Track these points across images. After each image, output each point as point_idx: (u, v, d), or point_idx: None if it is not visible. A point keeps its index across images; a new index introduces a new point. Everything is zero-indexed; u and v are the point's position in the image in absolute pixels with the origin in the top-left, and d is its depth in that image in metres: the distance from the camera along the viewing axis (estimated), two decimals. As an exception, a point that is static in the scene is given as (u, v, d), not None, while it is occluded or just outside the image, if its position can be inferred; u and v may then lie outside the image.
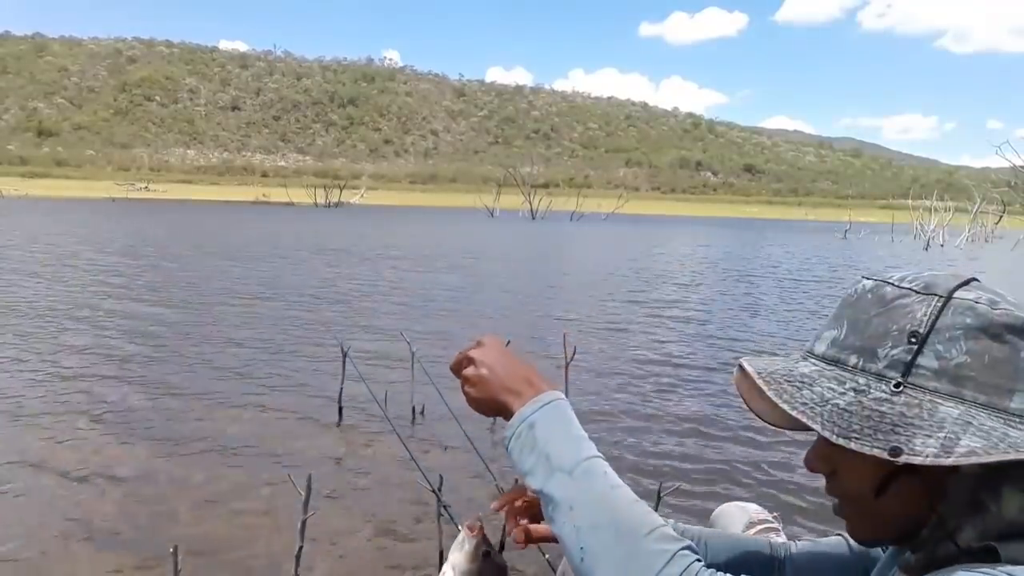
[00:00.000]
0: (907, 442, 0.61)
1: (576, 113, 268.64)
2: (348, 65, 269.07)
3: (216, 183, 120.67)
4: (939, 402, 0.63)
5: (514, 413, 0.85)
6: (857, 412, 0.65)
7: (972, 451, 0.60)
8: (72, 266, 11.50)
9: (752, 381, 0.72)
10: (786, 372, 0.72)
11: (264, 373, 5.26)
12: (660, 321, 8.24)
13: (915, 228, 35.30)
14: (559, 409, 0.85)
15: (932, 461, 0.60)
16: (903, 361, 0.65)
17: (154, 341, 6.24)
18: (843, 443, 0.63)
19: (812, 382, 0.69)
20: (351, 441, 3.97)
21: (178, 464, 3.52)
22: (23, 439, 3.78)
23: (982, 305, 0.64)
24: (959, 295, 0.66)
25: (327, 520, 2.90)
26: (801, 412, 0.67)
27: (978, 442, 0.60)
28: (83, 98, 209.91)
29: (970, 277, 0.69)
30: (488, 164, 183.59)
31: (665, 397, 5.01)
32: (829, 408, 0.66)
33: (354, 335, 6.60)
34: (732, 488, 3.46)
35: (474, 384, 0.89)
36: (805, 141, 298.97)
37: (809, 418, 0.66)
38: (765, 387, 0.71)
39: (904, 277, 0.70)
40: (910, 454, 0.61)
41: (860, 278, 0.73)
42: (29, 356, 5.51)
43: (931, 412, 0.63)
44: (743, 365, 0.75)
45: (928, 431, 0.62)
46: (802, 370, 0.71)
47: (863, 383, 0.67)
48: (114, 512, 2.99)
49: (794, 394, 0.69)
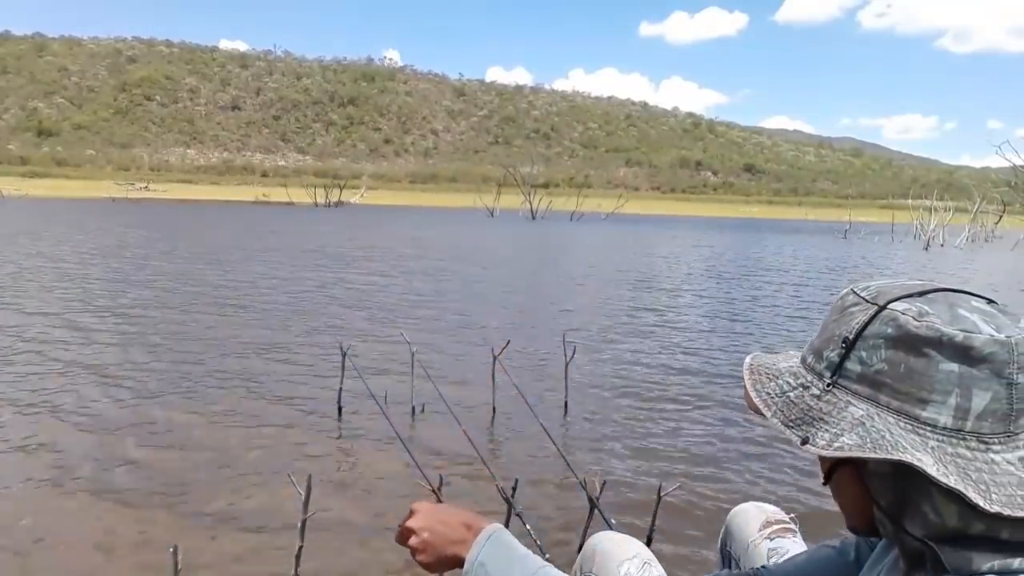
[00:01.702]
0: (814, 434, 0.68)
1: (576, 113, 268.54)
2: (348, 65, 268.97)
3: (216, 183, 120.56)
4: (852, 403, 0.69)
5: (464, 560, 0.93)
6: (798, 404, 0.72)
7: (842, 446, 0.66)
8: (62, 269, 11.50)
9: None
10: (769, 366, 0.78)
11: (263, 373, 5.26)
12: (661, 321, 8.24)
13: (915, 228, 35.27)
14: (500, 540, 0.93)
15: (816, 451, 0.67)
16: (834, 363, 0.71)
17: (151, 341, 6.24)
18: (782, 429, 0.71)
19: (779, 375, 0.76)
20: (351, 441, 3.97)
21: (176, 464, 3.52)
22: (10, 437, 3.78)
23: (905, 317, 0.67)
24: (893, 305, 0.68)
25: (327, 520, 2.90)
26: (761, 400, 0.74)
27: (853, 440, 0.66)
28: (83, 98, 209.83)
29: (933, 287, 0.70)
30: (488, 164, 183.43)
31: (666, 397, 5.00)
32: (783, 400, 0.73)
33: (354, 335, 6.60)
34: (733, 489, 3.45)
35: (422, 551, 0.97)
36: (805, 141, 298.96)
37: (766, 406, 0.73)
38: (747, 377, 0.77)
39: (869, 286, 0.73)
40: (812, 444, 0.68)
41: (849, 286, 0.77)
42: (16, 365, 5.51)
43: (840, 411, 0.69)
44: (747, 359, 0.81)
45: (829, 426, 0.68)
46: (780, 365, 0.78)
47: (809, 380, 0.73)
48: (112, 512, 2.99)
49: (765, 384, 0.76)
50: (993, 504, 0.61)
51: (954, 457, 0.63)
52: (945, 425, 0.64)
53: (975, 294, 0.70)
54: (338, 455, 3.76)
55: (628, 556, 1.21)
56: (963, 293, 0.70)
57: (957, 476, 0.62)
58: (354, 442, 3.94)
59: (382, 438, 3.89)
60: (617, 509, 3.07)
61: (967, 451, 0.64)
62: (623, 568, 1.19)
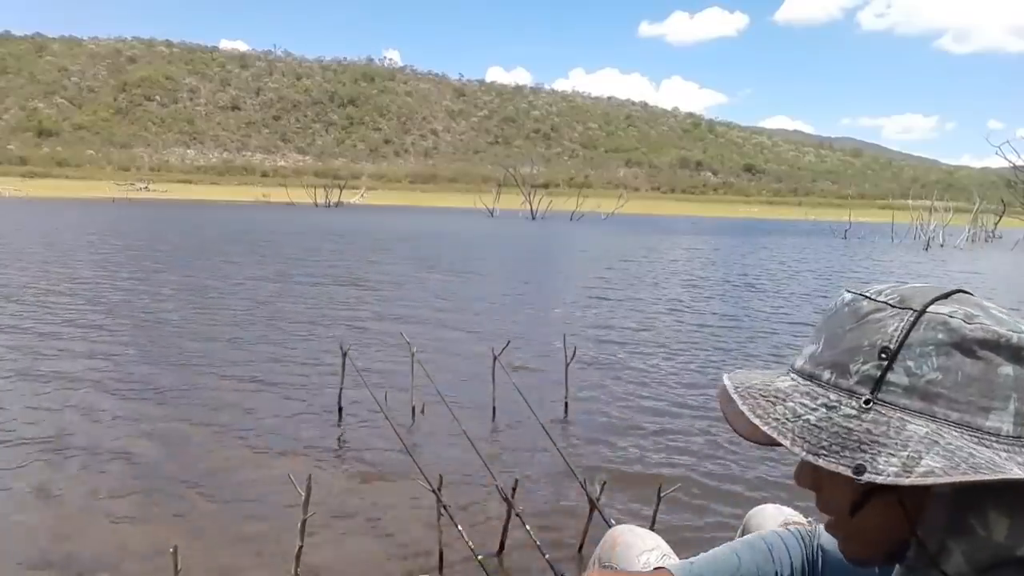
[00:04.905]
0: (871, 460, 0.61)
1: (576, 113, 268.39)
2: (348, 65, 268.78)
3: (216, 183, 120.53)
4: (908, 420, 0.62)
5: None
6: (827, 428, 0.64)
7: (931, 471, 0.58)
8: (67, 267, 11.50)
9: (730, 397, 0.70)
10: (763, 387, 0.71)
11: (263, 373, 5.26)
12: (661, 322, 8.24)
13: (915, 228, 35.27)
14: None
15: (892, 480, 0.59)
16: (873, 377, 0.64)
17: (150, 341, 6.24)
18: (812, 460, 0.63)
19: (786, 397, 0.68)
20: (351, 441, 3.97)
21: (176, 465, 3.52)
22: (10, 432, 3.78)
23: (956, 320, 0.62)
24: (933, 309, 0.64)
25: (327, 520, 2.90)
26: (772, 428, 0.66)
27: (939, 462, 0.59)
28: (83, 98, 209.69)
29: (954, 289, 0.67)
30: (488, 164, 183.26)
31: (666, 397, 5.00)
32: (800, 424, 0.65)
33: (354, 335, 6.60)
34: (733, 489, 3.45)
35: None
36: (805, 141, 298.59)
37: (780, 434, 0.65)
38: (740, 401, 0.69)
39: (882, 290, 0.69)
40: (872, 472, 0.60)
41: (842, 291, 0.72)
42: (15, 362, 5.51)
43: (898, 430, 0.62)
44: (724, 380, 0.73)
45: (893, 449, 0.61)
46: (779, 385, 0.70)
47: (834, 399, 0.66)
48: (111, 512, 2.99)
49: (768, 409, 0.68)
50: None
51: (1022, 466, 0.59)
52: (1008, 433, 0.60)
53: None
54: (338, 455, 3.76)
55: (648, 548, 1.20)
56: (970, 294, 0.67)
57: None
58: (354, 442, 3.94)
59: (382, 438, 3.89)
60: (617, 509, 3.07)
61: None
62: (643, 558, 1.17)
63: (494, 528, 2.84)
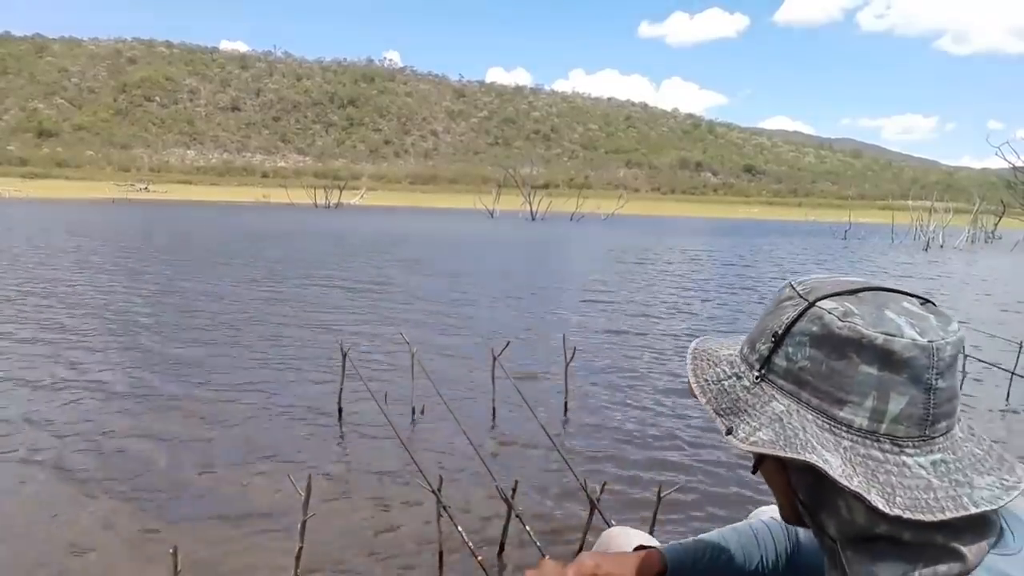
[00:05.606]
0: (739, 424, 0.69)
1: (576, 114, 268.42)
2: (348, 66, 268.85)
3: (216, 184, 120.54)
4: (776, 397, 0.69)
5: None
6: (730, 393, 0.72)
7: (759, 441, 0.67)
8: (65, 269, 11.49)
9: None
10: (711, 352, 0.78)
11: (263, 373, 5.26)
12: (662, 322, 8.24)
13: (915, 229, 35.25)
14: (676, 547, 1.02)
15: (736, 443, 0.68)
16: (764, 357, 0.71)
17: (149, 342, 6.24)
18: (712, 417, 0.71)
19: (719, 362, 0.76)
20: (351, 441, 3.97)
21: (176, 465, 3.51)
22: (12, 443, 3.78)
23: (830, 316, 0.67)
24: (822, 303, 0.68)
25: (327, 520, 2.90)
26: (699, 386, 0.74)
27: (768, 435, 0.66)
28: (83, 99, 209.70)
29: (862, 286, 0.70)
30: (488, 165, 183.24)
31: (667, 398, 5.00)
32: (716, 387, 0.73)
33: (354, 335, 6.59)
34: (734, 489, 3.45)
35: None
36: (805, 142, 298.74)
37: (701, 392, 0.74)
38: (689, 361, 0.77)
39: (805, 280, 0.73)
40: (732, 436, 0.69)
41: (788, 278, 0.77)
42: (16, 363, 5.51)
43: (764, 404, 0.69)
44: (693, 343, 0.81)
45: (752, 418, 0.69)
46: (722, 353, 0.77)
47: (742, 370, 0.73)
48: (111, 513, 2.99)
49: (705, 370, 0.75)
50: (895, 507, 0.61)
51: (865, 458, 0.64)
52: (860, 426, 0.65)
53: (910, 294, 0.69)
54: (338, 456, 3.76)
55: None
56: (898, 293, 0.69)
57: (863, 478, 0.63)
58: (354, 442, 3.94)
59: (382, 438, 3.88)
60: (617, 509, 3.06)
61: (879, 453, 0.64)
62: None
63: (494, 528, 2.84)
